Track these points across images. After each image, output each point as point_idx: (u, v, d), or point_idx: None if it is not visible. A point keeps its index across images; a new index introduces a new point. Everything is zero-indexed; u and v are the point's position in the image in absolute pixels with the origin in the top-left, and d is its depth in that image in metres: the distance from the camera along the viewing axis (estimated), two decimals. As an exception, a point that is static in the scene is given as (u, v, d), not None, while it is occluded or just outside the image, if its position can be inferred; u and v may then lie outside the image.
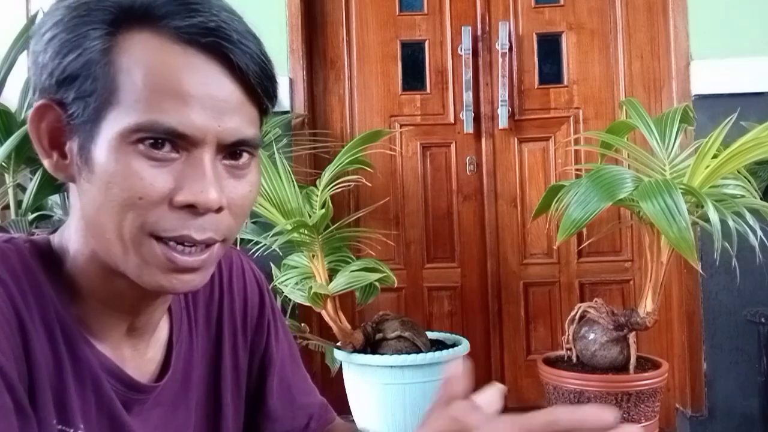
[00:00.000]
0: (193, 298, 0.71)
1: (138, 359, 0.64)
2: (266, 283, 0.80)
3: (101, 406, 0.59)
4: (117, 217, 0.53)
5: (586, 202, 1.54)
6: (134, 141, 0.52)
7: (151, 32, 0.53)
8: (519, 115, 2.44)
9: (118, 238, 0.54)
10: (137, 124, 0.52)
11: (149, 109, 0.52)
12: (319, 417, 0.80)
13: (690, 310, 2.23)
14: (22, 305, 0.54)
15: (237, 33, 0.54)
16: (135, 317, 0.62)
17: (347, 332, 1.92)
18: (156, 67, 0.52)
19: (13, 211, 1.94)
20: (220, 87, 0.54)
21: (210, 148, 0.54)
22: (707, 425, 2.21)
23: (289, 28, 2.33)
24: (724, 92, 2.17)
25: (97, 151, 0.53)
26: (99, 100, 0.52)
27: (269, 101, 0.59)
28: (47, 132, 0.56)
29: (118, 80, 0.52)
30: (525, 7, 2.45)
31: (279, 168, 1.86)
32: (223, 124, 0.54)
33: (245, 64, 0.54)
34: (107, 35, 0.53)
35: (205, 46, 0.53)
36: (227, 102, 0.54)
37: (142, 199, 0.52)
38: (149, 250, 0.54)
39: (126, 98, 0.52)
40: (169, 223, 0.53)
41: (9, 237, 0.58)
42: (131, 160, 0.52)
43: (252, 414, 0.76)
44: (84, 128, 0.53)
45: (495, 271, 2.44)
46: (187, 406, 0.68)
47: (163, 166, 0.53)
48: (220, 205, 0.54)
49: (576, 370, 1.79)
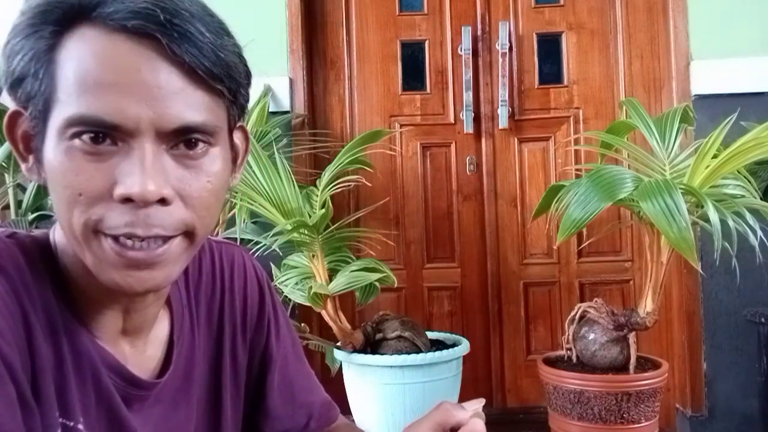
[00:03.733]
0: (196, 295, 0.71)
1: (138, 356, 0.64)
2: (268, 280, 0.79)
3: (101, 400, 0.59)
4: (66, 215, 0.53)
5: (586, 202, 1.54)
6: (71, 136, 0.51)
7: (87, 25, 0.51)
8: (519, 115, 2.44)
9: (71, 236, 0.54)
10: (68, 118, 0.51)
11: (79, 101, 0.50)
12: (319, 416, 0.80)
13: (690, 310, 2.23)
14: (25, 298, 0.54)
15: (168, 13, 0.50)
16: (127, 315, 0.62)
17: (347, 332, 1.92)
18: (84, 58, 0.51)
19: (13, 211, 1.94)
20: (152, 72, 0.51)
21: (148, 137, 0.51)
22: (707, 425, 2.21)
23: (289, 28, 2.33)
24: (724, 92, 2.17)
25: (47, 151, 0.53)
26: (44, 99, 0.52)
27: (220, 83, 0.54)
28: (21, 138, 0.56)
29: (57, 77, 0.52)
30: (525, 7, 2.45)
31: (279, 168, 1.86)
32: (159, 110, 0.51)
33: (177, 46, 0.51)
34: (53, 34, 0.52)
35: (134, 31, 0.50)
36: (162, 87, 0.51)
37: (82, 195, 0.51)
38: (98, 246, 0.53)
39: (62, 94, 0.51)
40: (112, 219, 0.52)
41: (12, 232, 0.59)
42: (69, 156, 0.51)
43: (252, 412, 0.76)
44: (38, 129, 0.53)
45: (495, 271, 2.44)
46: (188, 403, 0.67)
47: (101, 161, 0.51)
48: (162, 197, 0.52)
49: (576, 370, 1.79)
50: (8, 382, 0.50)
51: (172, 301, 0.68)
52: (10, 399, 0.50)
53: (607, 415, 1.70)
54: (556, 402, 1.80)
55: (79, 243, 0.53)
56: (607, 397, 1.70)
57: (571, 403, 1.74)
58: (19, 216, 1.91)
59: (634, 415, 1.70)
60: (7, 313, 0.52)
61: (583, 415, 1.72)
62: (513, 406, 2.44)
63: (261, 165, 1.82)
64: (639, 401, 1.70)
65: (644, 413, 1.71)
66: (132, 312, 0.62)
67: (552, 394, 1.81)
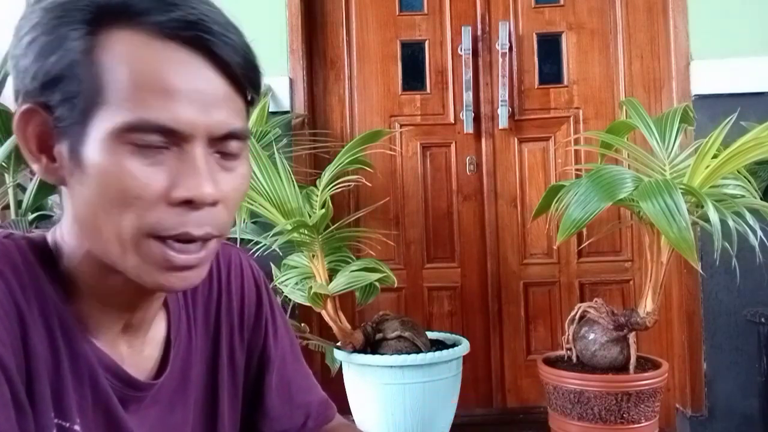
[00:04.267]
0: (192, 296, 0.71)
1: (135, 357, 0.64)
2: (265, 281, 0.79)
3: (97, 401, 0.59)
4: (114, 218, 0.53)
5: (586, 202, 1.54)
6: (127, 140, 0.52)
7: (131, 29, 0.52)
8: (519, 115, 2.44)
9: (116, 238, 0.54)
10: (127, 122, 0.51)
11: (137, 107, 0.51)
12: (317, 415, 0.80)
13: (690, 310, 2.23)
14: (21, 299, 0.54)
15: (218, 25, 0.54)
16: (131, 314, 0.62)
17: (347, 332, 1.92)
18: (140, 64, 0.52)
19: (13, 211, 1.94)
20: (205, 80, 0.54)
21: (201, 142, 0.54)
22: (707, 425, 2.21)
23: (289, 28, 2.33)
24: (724, 92, 2.17)
25: (88, 153, 0.52)
26: (85, 100, 0.52)
27: (254, 92, 0.58)
28: (35, 136, 0.55)
29: (103, 79, 0.52)
30: (525, 7, 2.45)
31: (279, 168, 1.86)
32: (212, 117, 0.54)
33: (229, 56, 0.54)
34: (87, 35, 0.52)
35: (187, 40, 0.53)
36: (214, 95, 0.54)
37: (139, 198, 0.52)
38: (148, 250, 0.54)
39: (113, 97, 0.52)
40: (168, 221, 0.53)
41: (8, 233, 0.59)
42: (124, 159, 0.52)
43: (249, 412, 0.76)
44: (72, 130, 0.53)
45: (495, 271, 2.44)
46: (185, 404, 0.68)
47: (156, 164, 0.53)
48: (216, 199, 0.54)
49: (576, 370, 1.79)
50: (3, 384, 0.50)
51: (169, 302, 0.68)
52: (4, 400, 0.50)
53: (607, 415, 1.70)
54: (556, 402, 1.80)
55: (123, 245, 0.54)
56: (607, 397, 1.70)
57: (571, 403, 1.74)
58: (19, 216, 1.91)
59: (634, 415, 1.70)
60: (2, 313, 0.52)
61: (583, 415, 1.72)
62: (513, 406, 2.44)
63: (261, 165, 1.82)
64: (639, 401, 1.70)
65: (644, 413, 1.71)
66: (136, 310, 0.62)
67: (552, 394, 1.81)
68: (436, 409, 1.90)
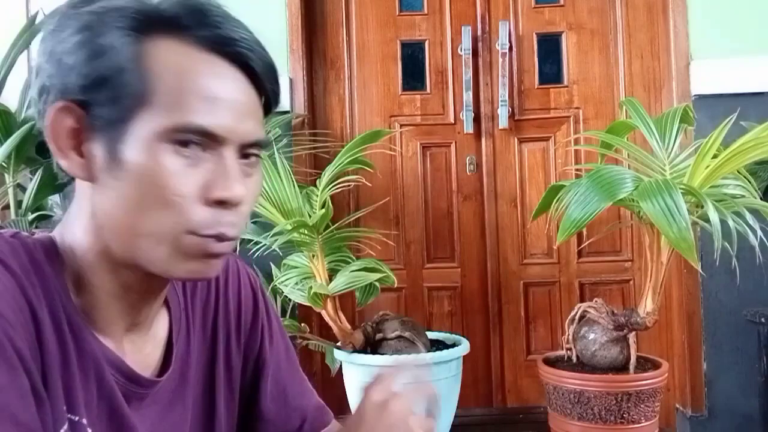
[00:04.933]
0: (191, 299, 0.72)
1: (137, 354, 0.65)
2: (262, 287, 0.81)
3: (102, 396, 0.60)
4: (153, 213, 0.56)
5: (586, 202, 1.54)
6: (169, 141, 0.55)
7: (176, 40, 0.57)
8: (519, 115, 2.44)
9: (152, 234, 0.57)
10: (173, 124, 0.55)
11: (182, 110, 0.55)
12: (312, 420, 0.81)
13: (690, 310, 2.23)
14: (33, 295, 0.56)
15: (254, 43, 0.60)
16: (137, 312, 0.64)
17: (347, 332, 1.92)
18: (186, 72, 0.56)
19: (13, 211, 1.94)
20: (242, 91, 0.59)
21: (233, 147, 0.58)
22: (707, 425, 2.21)
23: (289, 28, 2.33)
24: (724, 92, 2.17)
25: (128, 151, 0.55)
26: (130, 101, 0.55)
27: (275, 104, 0.64)
28: (66, 132, 0.57)
29: (150, 84, 0.55)
30: (525, 7, 2.45)
31: (279, 168, 1.86)
32: (244, 125, 0.59)
33: (261, 71, 0.60)
34: (135, 41, 0.56)
35: (228, 55, 0.58)
36: (247, 105, 0.59)
37: (178, 196, 0.56)
38: (188, 244, 0.57)
39: (159, 101, 0.55)
40: (205, 220, 0.57)
41: (15, 232, 0.60)
42: (166, 159, 0.55)
43: (246, 415, 0.77)
44: (112, 128, 0.56)
45: (495, 271, 2.44)
46: (184, 404, 0.69)
47: (194, 165, 0.57)
48: (244, 201, 0.59)
49: (576, 370, 1.79)
50: (22, 374, 0.51)
51: (170, 303, 0.69)
52: (24, 390, 0.51)
53: (607, 415, 1.70)
54: (556, 402, 1.80)
55: (158, 241, 0.57)
56: (607, 397, 1.70)
57: (571, 403, 1.74)
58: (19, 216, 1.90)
59: (634, 415, 1.70)
60: (17, 308, 0.53)
61: (583, 415, 1.72)
62: (513, 406, 2.44)
63: (261, 165, 1.82)
64: (639, 401, 1.70)
65: (644, 413, 1.71)
66: (143, 309, 0.64)
67: (552, 394, 1.81)
68: (436, 409, 1.89)
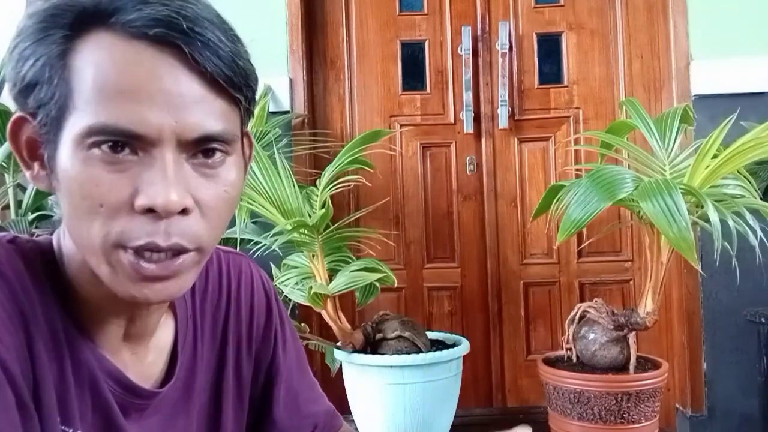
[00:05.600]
0: (201, 305, 0.70)
1: (138, 364, 0.63)
2: (275, 292, 0.78)
3: (97, 408, 0.58)
4: (84, 226, 0.51)
5: (586, 202, 1.54)
6: (89, 145, 0.50)
7: (104, 31, 0.50)
8: (519, 115, 2.44)
9: (87, 247, 0.52)
10: (88, 127, 0.49)
11: (99, 110, 0.49)
12: (324, 426, 0.80)
13: (690, 310, 2.23)
14: (25, 303, 0.53)
15: (190, 21, 0.50)
16: (131, 322, 0.61)
17: (347, 332, 1.92)
18: (104, 65, 0.50)
19: (13, 211, 1.94)
20: (174, 81, 0.50)
21: (169, 146, 0.51)
22: (707, 425, 2.21)
23: (289, 28, 2.33)
24: (724, 92, 2.17)
25: (60, 159, 0.51)
26: (58, 106, 0.50)
27: (239, 92, 0.54)
28: (25, 144, 0.54)
29: (72, 83, 0.50)
30: (525, 7, 2.45)
31: (279, 168, 1.86)
32: (181, 119, 0.51)
33: (200, 54, 0.50)
34: (65, 39, 0.51)
35: (156, 39, 0.49)
36: (184, 96, 0.51)
37: (103, 206, 0.50)
38: (117, 260, 0.52)
39: (79, 101, 0.50)
40: (133, 231, 0.51)
41: (13, 236, 0.58)
42: (89, 166, 0.50)
43: (257, 423, 0.75)
44: (49, 136, 0.52)
45: (495, 271, 2.44)
46: (188, 414, 0.67)
47: (121, 170, 0.50)
48: (184, 207, 0.51)
49: (576, 370, 1.79)
50: (6, 387, 0.49)
51: (177, 310, 0.67)
52: (7, 403, 0.49)
53: (607, 415, 1.70)
54: (556, 402, 1.80)
55: (95, 255, 0.52)
56: (607, 397, 1.70)
57: (571, 403, 1.74)
58: (19, 216, 1.90)
59: (634, 415, 1.70)
60: (6, 318, 0.51)
61: (583, 415, 1.72)
62: (513, 406, 2.44)
63: (261, 165, 1.82)
64: (639, 401, 1.70)
65: (644, 413, 1.71)
66: (136, 319, 0.61)
67: (552, 394, 1.81)
68: (436, 409, 1.90)
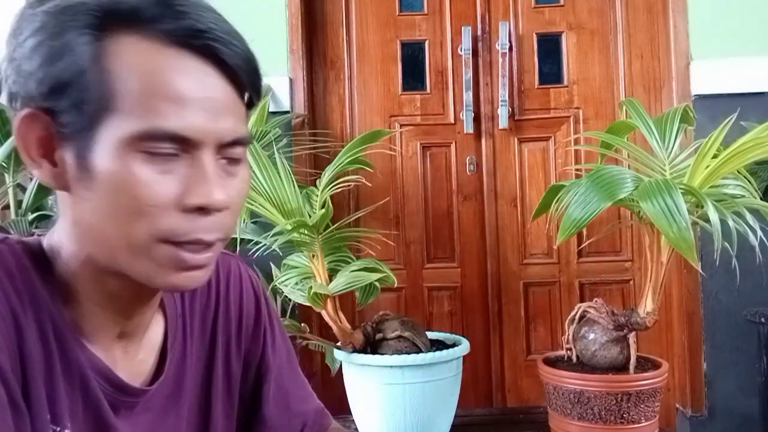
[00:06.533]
0: (190, 303, 0.70)
1: (129, 361, 0.63)
2: (264, 291, 0.79)
3: (88, 405, 0.58)
4: (125, 224, 0.53)
5: (586, 202, 1.54)
6: (137, 148, 0.52)
7: (139, 36, 0.52)
8: (519, 115, 2.44)
9: (126, 245, 0.54)
10: (139, 131, 0.51)
11: (149, 114, 0.52)
12: (313, 424, 0.80)
13: (690, 310, 2.23)
14: (17, 303, 0.54)
15: (225, 33, 0.54)
16: (127, 319, 0.62)
17: (347, 332, 1.92)
18: (151, 71, 0.52)
19: (13, 211, 1.94)
20: (215, 88, 0.54)
21: (210, 149, 0.55)
22: (707, 425, 2.21)
23: (289, 28, 2.33)
24: (724, 92, 2.17)
25: (97, 160, 0.52)
26: (94, 107, 0.52)
27: (257, 97, 0.59)
28: (36, 141, 0.54)
29: (113, 86, 0.52)
30: (525, 7, 2.45)
31: (279, 168, 1.86)
32: (220, 124, 0.55)
33: (236, 64, 0.55)
34: (96, 40, 0.52)
35: (197, 48, 0.53)
36: (222, 102, 0.55)
37: (152, 206, 0.52)
38: (162, 254, 0.54)
39: (123, 104, 0.52)
40: (181, 228, 0.54)
41: (3, 237, 0.58)
42: (136, 167, 0.52)
43: (247, 421, 0.76)
44: (79, 136, 0.52)
45: (495, 271, 2.44)
46: (177, 412, 0.67)
47: (167, 172, 0.53)
48: (226, 205, 0.55)
49: (576, 370, 1.79)
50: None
51: (167, 308, 0.68)
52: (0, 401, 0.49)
53: (607, 415, 1.70)
54: (556, 402, 1.80)
55: (133, 251, 0.54)
56: (607, 397, 1.69)
57: (571, 403, 1.74)
58: (19, 216, 1.91)
59: (634, 415, 1.70)
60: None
61: (583, 415, 1.72)
62: (513, 406, 2.44)
63: (261, 165, 1.82)
64: (639, 401, 1.70)
65: (644, 413, 1.71)
66: (133, 316, 0.62)
67: (552, 394, 1.81)
68: (436, 409, 1.90)
